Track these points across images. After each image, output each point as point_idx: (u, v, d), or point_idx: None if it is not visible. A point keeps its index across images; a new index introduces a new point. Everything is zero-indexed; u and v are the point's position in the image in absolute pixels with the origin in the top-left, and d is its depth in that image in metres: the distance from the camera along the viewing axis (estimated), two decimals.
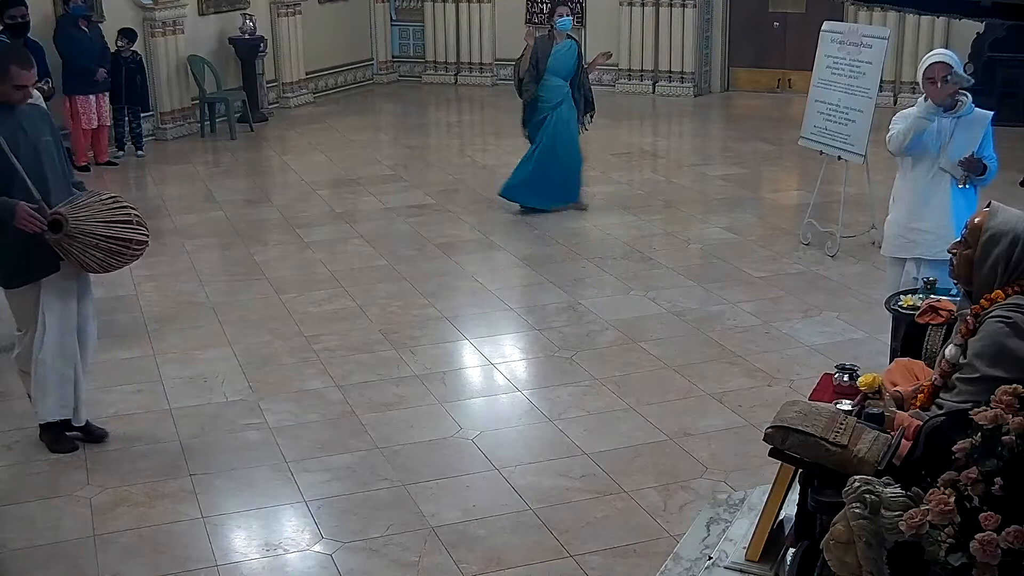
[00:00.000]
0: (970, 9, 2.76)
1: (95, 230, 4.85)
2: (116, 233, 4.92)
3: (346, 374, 6.09)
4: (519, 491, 4.83)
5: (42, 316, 4.98)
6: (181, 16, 12.49)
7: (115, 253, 4.95)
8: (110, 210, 4.95)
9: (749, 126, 13.16)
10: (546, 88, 9.14)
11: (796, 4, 14.59)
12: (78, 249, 4.84)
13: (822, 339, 6.50)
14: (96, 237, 4.85)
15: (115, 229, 4.92)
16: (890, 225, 5.84)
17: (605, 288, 7.51)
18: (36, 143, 4.91)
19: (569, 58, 9.18)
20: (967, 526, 2.38)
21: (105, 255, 4.91)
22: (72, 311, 5.11)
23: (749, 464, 4.93)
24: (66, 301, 5.06)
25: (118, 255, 4.97)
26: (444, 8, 16.05)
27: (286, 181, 10.93)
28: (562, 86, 9.18)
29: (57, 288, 5.00)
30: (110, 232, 4.90)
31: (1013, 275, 3.30)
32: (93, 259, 4.90)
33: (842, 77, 8.14)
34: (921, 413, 3.29)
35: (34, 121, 4.97)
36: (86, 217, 4.85)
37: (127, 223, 4.98)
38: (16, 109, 4.88)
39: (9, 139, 4.78)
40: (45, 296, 4.97)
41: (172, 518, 4.67)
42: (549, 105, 9.18)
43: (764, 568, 3.30)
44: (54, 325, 5.02)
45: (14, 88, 4.83)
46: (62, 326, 5.06)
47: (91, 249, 4.86)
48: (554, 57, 9.12)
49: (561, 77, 9.17)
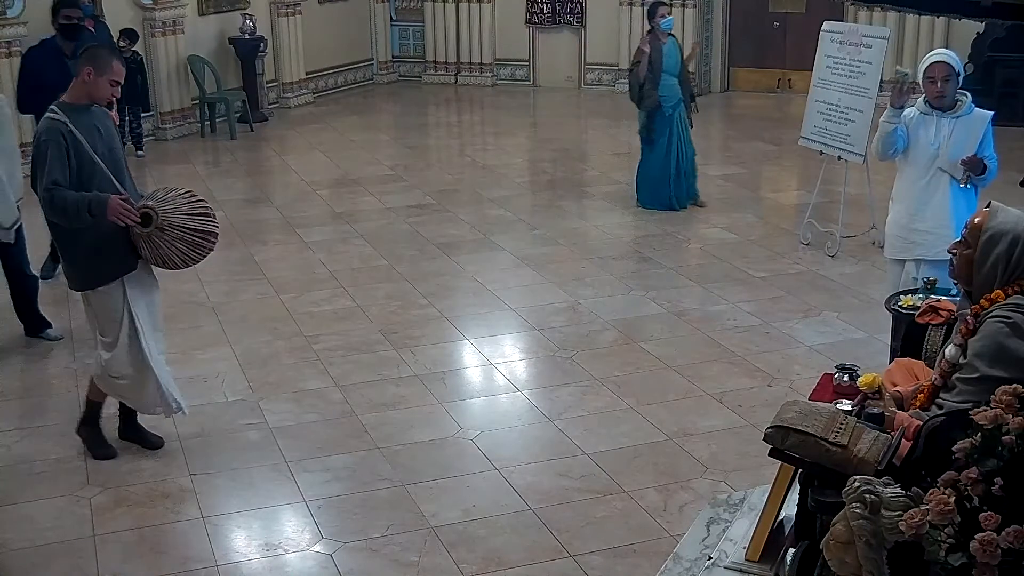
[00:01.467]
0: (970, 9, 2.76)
1: (181, 223, 4.82)
2: (199, 226, 4.89)
3: (346, 374, 6.09)
4: (519, 491, 4.83)
5: (135, 316, 4.93)
6: (181, 16, 12.50)
7: (197, 246, 4.90)
8: (191, 203, 4.92)
9: (749, 126, 13.17)
10: (664, 88, 9.21)
11: (796, 4, 14.59)
12: (165, 242, 4.80)
13: (822, 339, 6.51)
14: (182, 230, 4.82)
15: (198, 222, 4.89)
16: (890, 226, 5.83)
17: (605, 288, 7.51)
18: (111, 144, 4.92)
19: (674, 54, 9.25)
20: (967, 526, 2.38)
21: (189, 248, 4.87)
22: (157, 305, 5.11)
23: (749, 464, 4.93)
24: (151, 295, 5.05)
25: (200, 248, 4.92)
26: (444, 8, 16.05)
27: (286, 181, 10.93)
28: (676, 84, 9.26)
29: (140, 284, 4.97)
30: (194, 225, 4.86)
31: (1013, 275, 3.30)
32: (177, 252, 4.85)
33: (842, 77, 8.14)
34: (921, 413, 3.29)
35: (105, 121, 4.97)
36: (172, 210, 4.82)
37: (206, 216, 4.94)
38: (91, 111, 4.86)
39: (88, 140, 4.76)
40: (132, 295, 4.92)
41: (172, 518, 4.68)
42: (670, 104, 9.24)
43: (764, 568, 3.30)
44: (147, 322, 4.98)
45: (111, 83, 4.83)
46: (153, 322, 5.04)
47: (177, 242, 4.82)
48: (666, 57, 9.19)
49: (673, 75, 9.23)
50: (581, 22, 15.44)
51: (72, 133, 4.70)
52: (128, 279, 4.91)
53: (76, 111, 4.79)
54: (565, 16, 15.50)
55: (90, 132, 4.79)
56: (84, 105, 4.83)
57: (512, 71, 16.10)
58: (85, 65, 4.82)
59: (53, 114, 4.76)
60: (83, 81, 4.81)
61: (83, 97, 4.84)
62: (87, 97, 4.84)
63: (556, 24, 15.61)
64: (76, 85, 4.85)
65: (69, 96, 4.86)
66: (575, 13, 15.44)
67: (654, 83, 9.17)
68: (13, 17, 10.49)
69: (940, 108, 5.54)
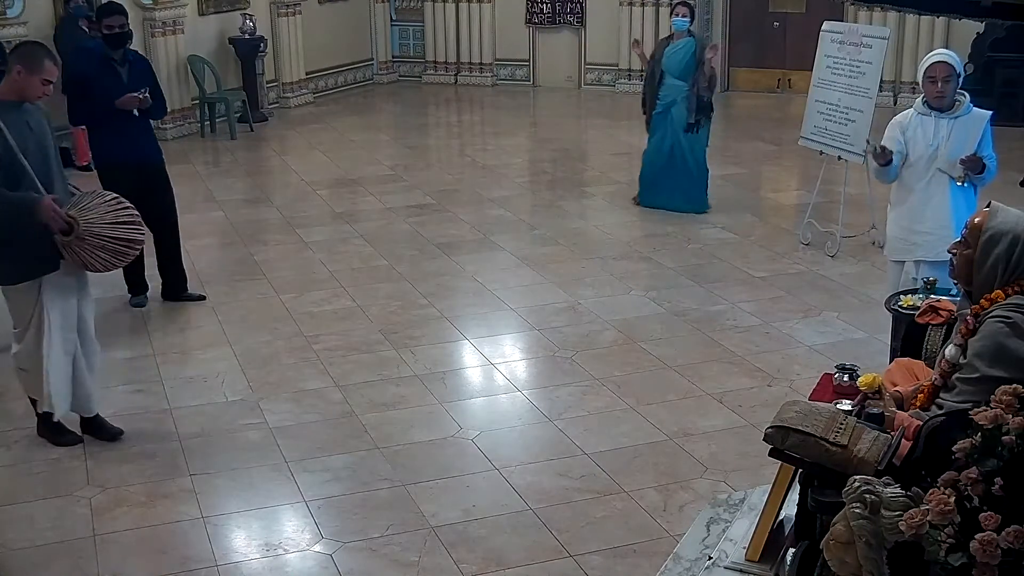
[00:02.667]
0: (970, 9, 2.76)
1: (103, 231, 4.85)
2: (122, 234, 4.92)
3: (346, 374, 6.09)
4: (519, 491, 4.83)
5: (45, 314, 4.96)
6: (181, 16, 12.49)
7: (119, 254, 4.96)
8: (116, 211, 4.95)
9: (749, 126, 13.16)
10: (663, 87, 9.17)
11: (796, 4, 14.59)
12: (86, 250, 4.83)
13: (822, 339, 6.51)
14: (104, 239, 4.85)
15: (121, 230, 4.91)
16: (891, 227, 5.83)
17: (605, 288, 7.51)
18: (43, 141, 4.91)
19: (684, 56, 9.10)
20: (967, 526, 2.38)
21: (110, 255, 4.92)
22: (73, 308, 5.11)
23: (749, 464, 4.93)
24: (67, 298, 5.05)
25: (121, 255, 4.99)
26: (444, 8, 16.05)
27: (286, 181, 10.93)
28: (678, 86, 9.13)
29: (58, 285, 4.99)
30: (117, 233, 4.90)
31: (1013, 275, 3.30)
32: (98, 259, 4.89)
33: (842, 77, 8.14)
34: (921, 413, 3.29)
35: (39, 120, 4.96)
36: (94, 218, 4.84)
37: (131, 224, 4.98)
38: (23, 107, 4.86)
39: (17, 138, 4.76)
40: (47, 294, 4.95)
41: (172, 518, 4.67)
42: (663, 103, 9.20)
43: (764, 568, 3.31)
44: (56, 322, 5.00)
45: (43, 82, 4.82)
46: (64, 323, 5.05)
47: (98, 250, 4.86)
48: (668, 56, 9.14)
49: (677, 77, 9.13)
50: (581, 22, 15.44)
51: (2, 131, 4.70)
52: (46, 280, 4.93)
53: (6, 108, 4.79)
54: (565, 16, 15.50)
55: (21, 129, 4.79)
56: (13, 102, 4.83)
57: (512, 71, 16.10)
58: (15, 63, 4.83)
59: None
60: (13, 79, 4.83)
61: (12, 94, 4.84)
62: (17, 94, 4.84)
63: (556, 24, 15.61)
64: (6, 82, 4.87)
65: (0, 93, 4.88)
66: (575, 13, 15.44)
67: (651, 81, 9.21)
68: (13, 17, 10.50)
69: (939, 108, 5.54)
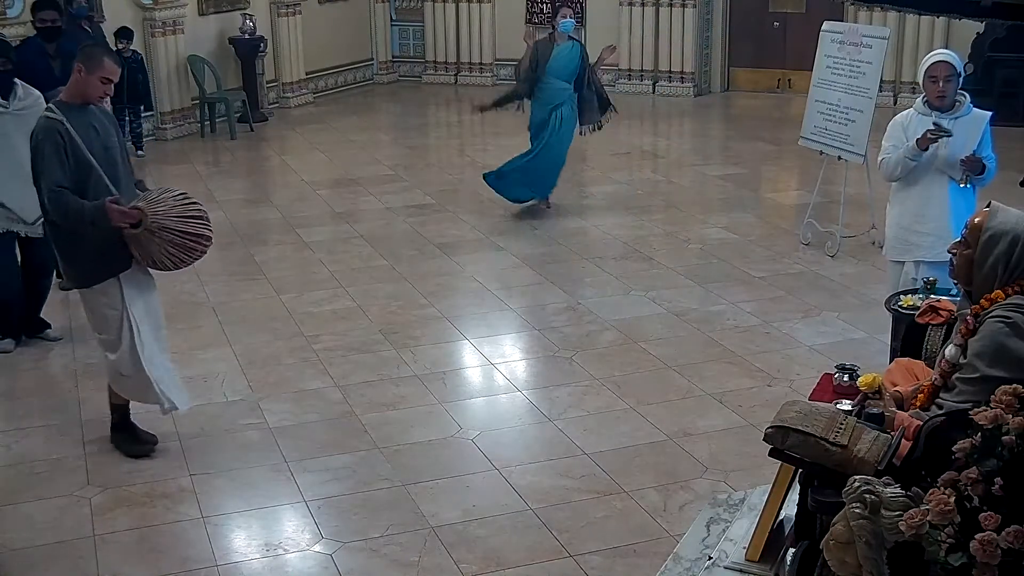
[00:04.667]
0: (970, 9, 2.76)
1: (173, 225, 4.80)
2: (191, 229, 4.86)
3: (346, 374, 6.09)
4: (519, 491, 4.83)
5: (131, 313, 4.92)
6: (181, 16, 12.50)
7: (188, 249, 4.88)
8: (184, 206, 4.89)
9: (749, 126, 13.17)
10: (546, 90, 9.09)
11: (796, 4, 14.59)
12: (156, 245, 4.78)
13: (822, 339, 6.50)
14: (173, 232, 4.80)
15: (190, 224, 4.86)
16: (890, 227, 5.83)
17: (605, 288, 7.51)
18: (107, 143, 4.90)
19: (571, 60, 9.12)
20: (967, 526, 2.38)
21: (179, 251, 4.85)
22: (155, 303, 5.11)
23: (749, 464, 4.93)
24: (147, 294, 5.04)
25: (191, 251, 4.90)
26: (444, 8, 16.05)
27: (286, 181, 10.93)
28: (564, 88, 9.12)
29: (136, 282, 4.96)
30: (186, 228, 4.84)
31: (1013, 275, 3.30)
32: (168, 255, 4.83)
33: (842, 77, 8.14)
34: (921, 413, 3.29)
35: (103, 121, 4.95)
36: (164, 212, 4.80)
37: (199, 219, 4.91)
38: (88, 109, 4.85)
39: (84, 139, 4.75)
40: (127, 291, 4.91)
41: (172, 518, 4.67)
42: (549, 106, 9.12)
43: (764, 568, 3.31)
44: (143, 319, 4.98)
45: (101, 81, 4.80)
46: (150, 319, 5.03)
47: (168, 245, 4.80)
48: (555, 59, 9.06)
49: (563, 79, 9.11)
50: (581, 22, 15.42)
51: (69, 132, 4.71)
52: (124, 277, 4.90)
53: (73, 110, 4.79)
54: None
55: (86, 131, 4.78)
56: (80, 104, 4.83)
57: (512, 71, 16.05)
58: (78, 63, 4.82)
59: (51, 113, 4.77)
60: (75, 80, 4.82)
61: (77, 96, 4.84)
62: (81, 96, 4.83)
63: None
64: (71, 84, 4.86)
65: (65, 95, 4.87)
66: (577, 14, 15.41)
67: (529, 80, 9.07)
68: (13, 17, 10.50)
69: (940, 108, 5.53)
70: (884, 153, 5.66)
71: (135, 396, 5.17)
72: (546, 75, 9.05)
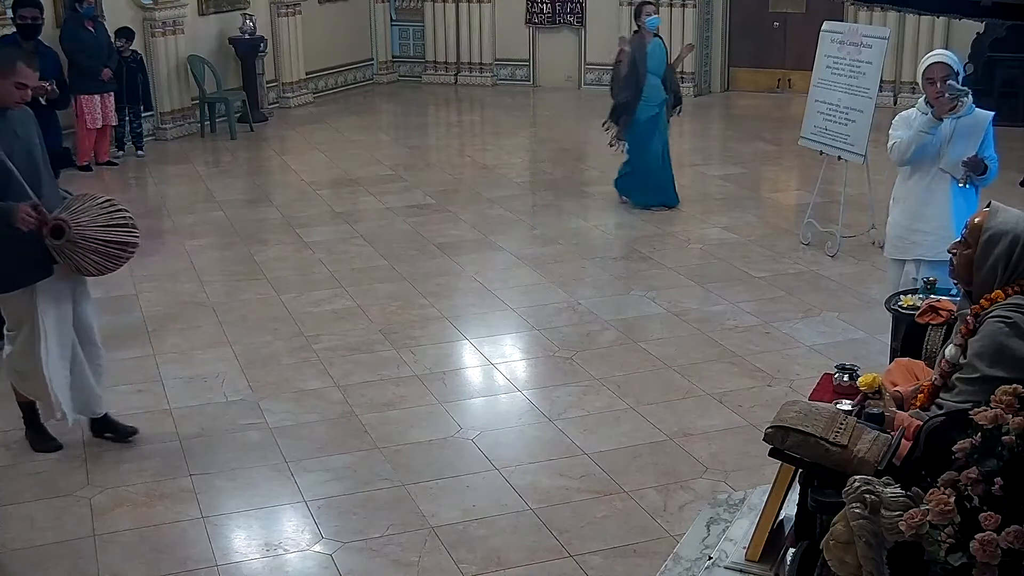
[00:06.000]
0: (970, 9, 2.76)
1: (96, 235, 4.82)
2: (115, 237, 4.90)
3: (346, 374, 6.09)
4: (519, 491, 4.83)
5: (40, 320, 4.92)
6: (181, 16, 12.50)
7: (112, 257, 4.92)
8: (108, 214, 4.92)
9: (749, 126, 13.16)
10: (648, 89, 9.12)
11: (796, 4, 14.59)
12: (79, 254, 4.81)
13: (822, 339, 6.50)
14: (96, 242, 4.82)
15: (113, 233, 4.89)
16: (891, 226, 5.83)
17: (605, 288, 7.51)
18: (29, 147, 4.87)
19: (662, 57, 9.19)
20: (967, 526, 2.38)
21: (103, 259, 4.89)
22: (68, 313, 5.07)
23: (749, 464, 4.93)
24: (61, 304, 5.01)
25: (115, 259, 4.95)
26: (444, 8, 16.05)
27: (286, 181, 10.93)
28: (659, 85, 9.18)
29: (52, 291, 4.94)
30: (109, 236, 4.87)
31: (1013, 275, 3.30)
32: (91, 263, 4.86)
33: (842, 77, 8.14)
34: (921, 413, 3.29)
35: (26, 125, 4.91)
36: (87, 222, 4.82)
37: (124, 227, 4.95)
38: (8, 114, 4.81)
39: (3, 144, 4.72)
40: (41, 300, 4.91)
41: (172, 518, 4.67)
42: (655, 103, 9.18)
43: (764, 568, 3.31)
44: (52, 328, 4.97)
45: (16, 86, 4.77)
46: (59, 328, 5.01)
47: (91, 254, 4.83)
48: (650, 57, 9.11)
49: (658, 76, 9.16)
50: (581, 22, 15.45)
51: None
52: (40, 286, 4.89)
53: None
54: (565, 16, 15.51)
55: (7, 137, 4.74)
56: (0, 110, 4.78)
57: (512, 71, 16.10)
58: None
59: None
60: None
61: None
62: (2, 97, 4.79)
63: (556, 24, 15.62)
64: None
65: None
66: (575, 13, 15.44)
67: (635, 83, 9.09)
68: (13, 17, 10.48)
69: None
70: (893, 139, 5.64)
71: (26, 392, 5.17)
72: (647, 74, 9.09)
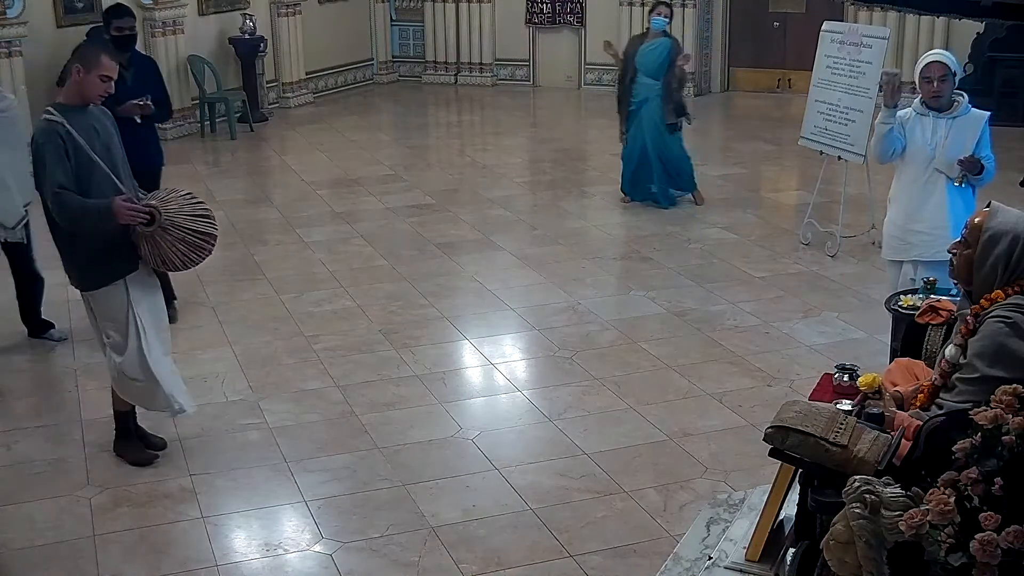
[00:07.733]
0: (970, 9, 2.75)
1: (183, 223, 4.79)
2: (200, 227, 4.85)
3: (346, 374, 6.09)
4: (519, 491, 4.83)
5: (137, 316, 4.90)
6: (181, 16, 12.49)
7: (197, 247, 4.86)
8: (191, 204, 4.88)
9: (749, 126, 13.16)
10: (636, 85, 9.27)
11: (796, 4, 14.59)
12: (167, 242, 4.76)
13: (822, 339, 6.51)
14: (183, 231, 4.78)
15: (199, 223, 4.85)
16: (887, 227, 5.84)
17: (605, 288, 7.51)
18: (108, 143, 4.88)
19: (656, 56, 9.22)
20: (967, 526, 2.38)
21: (189, 249, 4.83)
22: (161, 305, 5.09)
23: (749, 464, 4.93)
24: (153, 296, 5.02)
25: (199, 249, 4.88)
26: (444, 8, 16.05)
27: (286, 181, 10.93)
28: (650, 84, 9.25)
29: (142, 284, 4.94)
30: (195, 226, 4.83)
31: (1013, 275, 3.30)
32: (178, 253, 4.81)
33: (842, 77, 8.14)
34: (921, 413, 3.29)
35: (103, 122, 4.92)
36: (174, 210, 4.79)
37: (206, 218, 4.91)
38: (88, 111, 4.82)
39: (85, 140, 4.73)
40: (134, 293, 4.89)
41: (172, 518, 4.68)
42: (636, 100, 9.30)
43: (764, 568, 3.30)
44: (149, 322, 4.96)
45: (100, 78, 4.77)
46: (156, 322, 5.01)
47: (178, 243, 4.78)
48: (640, 54, 9.23)
49: (648, 75, 9.23)
50: (581, 22, 15.44)
51: (70, 134, 4.69)
52: (130, 280, 4.88)
53: (72, 111, 4.77)
54: (565, 16, 15.50)
55: (87, 132, 4.76)
56: (79, 106, 4.81)
57: (512, 71, 16.10)
58: (74, 64, 4.80)
59: (50, 115, 4.75)
60: (74, 80, 4.79)
61: (76, 97, 4.81)
62: (80, 97, 4.81)
63: (556, 24, 15.61)
64: (69, 86, 4.84)
65: (64, 97, 4.85)
66: (575, 13, 15.44)
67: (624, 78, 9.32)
68: (13, 17, 10.48)
69: (936, 108, 5.54)
70: None
71: (141, 401, 5.12)
72: (634, 71, 9.23)
